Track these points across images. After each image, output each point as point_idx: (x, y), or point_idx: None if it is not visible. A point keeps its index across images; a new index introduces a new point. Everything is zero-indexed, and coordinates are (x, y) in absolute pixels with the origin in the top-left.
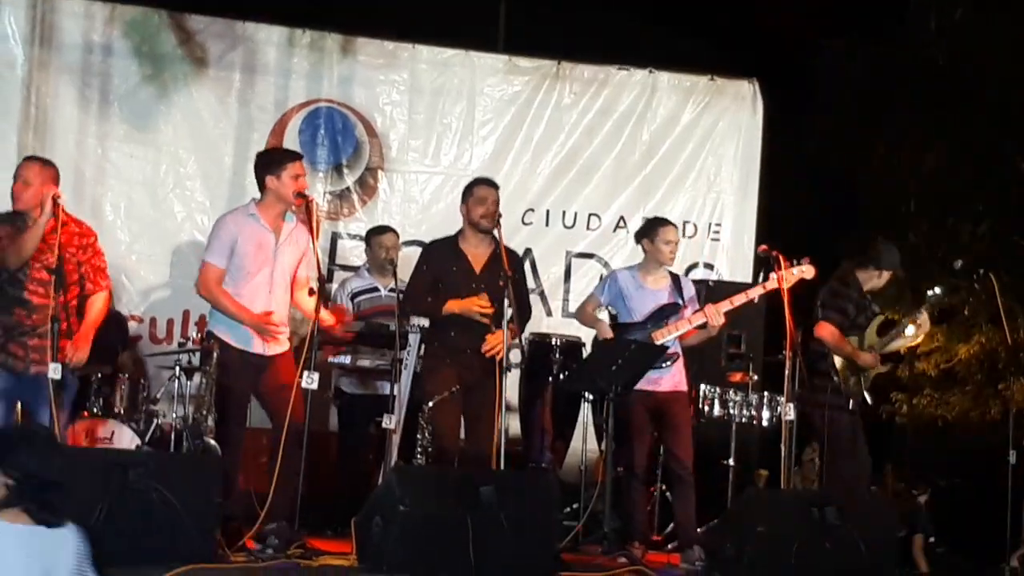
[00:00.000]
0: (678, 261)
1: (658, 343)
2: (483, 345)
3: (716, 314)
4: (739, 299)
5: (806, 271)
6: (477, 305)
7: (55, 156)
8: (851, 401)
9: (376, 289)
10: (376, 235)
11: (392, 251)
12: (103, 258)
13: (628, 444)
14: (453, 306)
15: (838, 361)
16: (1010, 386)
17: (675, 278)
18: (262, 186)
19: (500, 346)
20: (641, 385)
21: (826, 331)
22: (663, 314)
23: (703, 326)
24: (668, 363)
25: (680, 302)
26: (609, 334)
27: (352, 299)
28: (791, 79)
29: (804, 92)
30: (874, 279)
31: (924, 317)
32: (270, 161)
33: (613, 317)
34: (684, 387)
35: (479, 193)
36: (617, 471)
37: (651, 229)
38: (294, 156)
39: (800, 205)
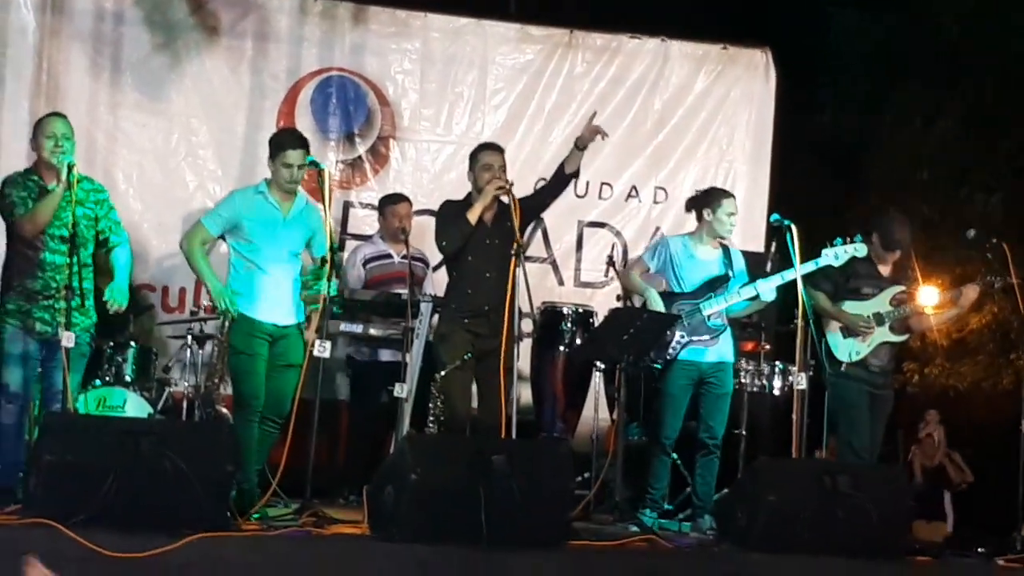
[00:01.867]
0: (690, 228)
1: (707, 314)
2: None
3: (768, 289)
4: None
5: (858, 249)
6: (492, 188)
7: None
8: (842, 365)
9: (389, 256)
10: (390, 204)
11: (406, 220)
12: (116, 212)
13: (661, 415)
14: (477, 209)
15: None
16: (1022, 356)
17: (725, 249)
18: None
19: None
20: (685, 356)
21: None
22: (712, 286)
23: (754, 298)
24: (716, 335)
25: (730, 273)
26: (659, 304)
27: (364, 265)
28: (804, 48)
29: (817, 61)
30: (883, 253)
31: (969, 291)
32: (272, 144)
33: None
34: (731, 357)
35: (484, 160)
36: (629, 440)
37: (713, 200)
38: (293, 144)
39: (812, 174)
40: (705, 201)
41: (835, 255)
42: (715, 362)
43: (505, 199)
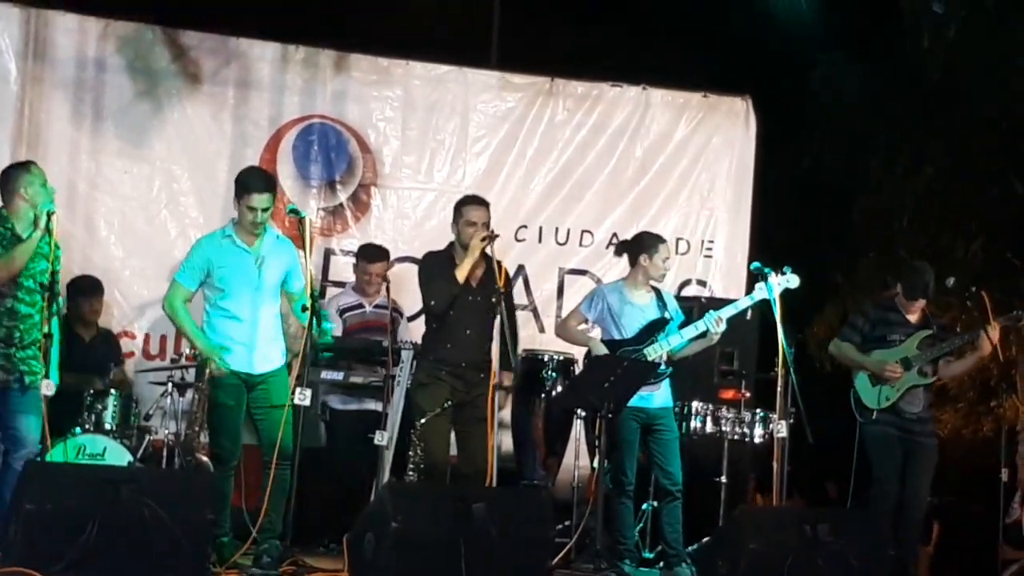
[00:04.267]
0: (670, 278)
1: (653, 359)
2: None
3: (718, 321)
4: (744, 302)
5: (790, 280)
6: (478, 243)
7: (48, 171)
8: (873, 412)
9: (361, 305)
10: (363, 260)
11: (377, 278)
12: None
13: (618, 460)
14: (465, 268)
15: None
16: (1002, 403)
17: (657, 292)
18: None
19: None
20: (633, 402)
21: (831, 346)
22: (653, 329)
23: (703, 335)
24: (659, 379)
25: (667, 315)
26: (603, 350)
27: (341, 315)
28: (785, 96)
29: (798, 109)
30: (907, 302)
31: (988, 333)
32: (238, 186)
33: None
34: (671, 402)
35: (469, 216)
36: (610, 487)
37: (650, 245)
38: (258, 187)
39: (794, 222)
40: (641, 247)
41: (768, 288)
42: (660, 407)
43: (488, 251)
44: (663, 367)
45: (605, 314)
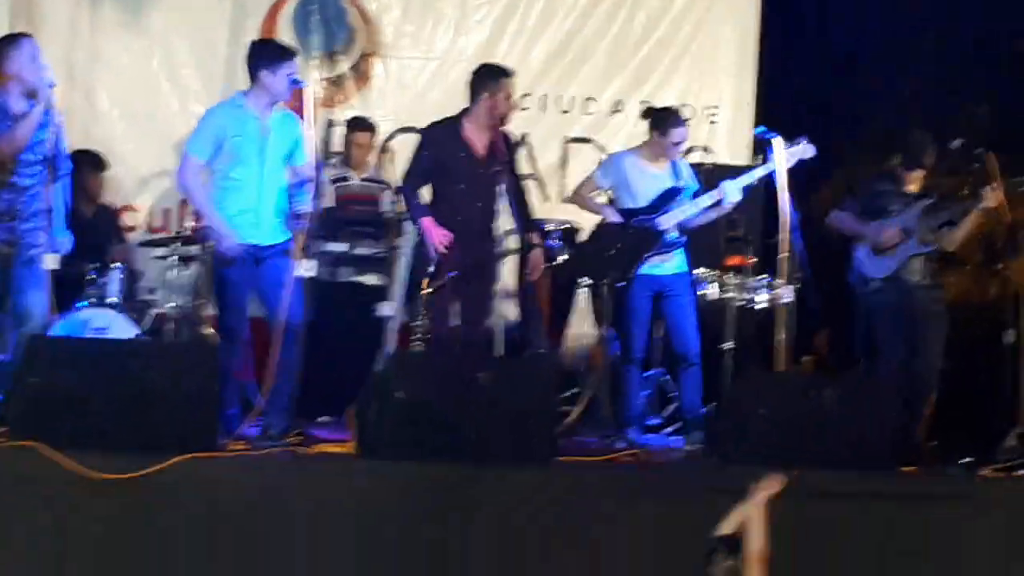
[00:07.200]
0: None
1: (664, 228)
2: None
3: (734, 190)
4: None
5: (805, 151)
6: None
7: (47, 45)
8: (875, 283)
9: (347, 178)
10: (351, 130)
11: (361, 149)
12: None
13: (626, 328)
14: None
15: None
16: (1009, 265)
17: (672, 162)
18: (254, 77)
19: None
20: (645, 270)
21: (830, 218)
22: (668, 198)
23: (717, 204)
24: (672, 249)
25: (682, 184)
26: (616, 217)
27: (331, 183)
28: None
29: None
30: (905, 172)
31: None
32: (267, 56)
33: (611, 202)
34: (686, 268)
35: (510, 89)
36: (615, 356)
37: (662, 122)
38: (292, 54)
39: (800, 86)
40: (656, 121)
41: (786, 158)
42: (672, 273)
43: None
44: (675, 235)
45: (620, 181)
